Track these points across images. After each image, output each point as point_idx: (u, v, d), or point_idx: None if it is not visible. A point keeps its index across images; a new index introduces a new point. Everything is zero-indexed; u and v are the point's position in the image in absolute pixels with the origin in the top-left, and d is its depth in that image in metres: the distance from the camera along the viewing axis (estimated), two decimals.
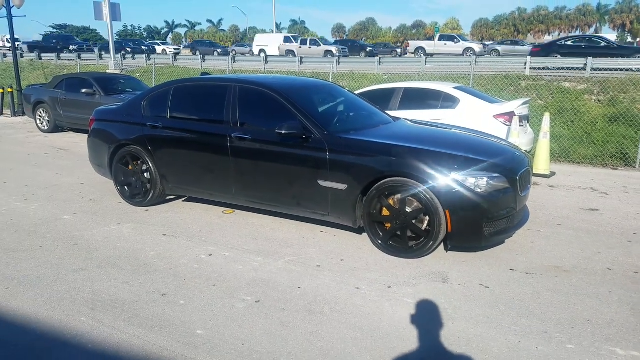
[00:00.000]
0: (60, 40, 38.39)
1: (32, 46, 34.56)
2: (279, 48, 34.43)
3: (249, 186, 5.03)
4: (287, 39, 36.16)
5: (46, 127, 11.92)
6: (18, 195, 6.30)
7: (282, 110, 4.82)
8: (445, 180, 4.04)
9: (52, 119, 11.74)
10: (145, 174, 5.61)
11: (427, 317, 3.36)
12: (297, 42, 35.11)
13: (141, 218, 5.41)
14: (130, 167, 5.73)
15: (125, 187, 5.82)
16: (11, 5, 15.53)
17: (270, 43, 35.79)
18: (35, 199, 6.14)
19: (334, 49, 32.86)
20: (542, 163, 7.54)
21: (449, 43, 31.68)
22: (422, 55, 25.56)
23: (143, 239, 4.76)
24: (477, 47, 31.52)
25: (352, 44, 39.07)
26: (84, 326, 3.22)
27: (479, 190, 4.01)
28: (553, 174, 7.66)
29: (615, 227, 5.20)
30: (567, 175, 7.73)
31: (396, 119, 5.65)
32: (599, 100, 12.81)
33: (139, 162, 5.63)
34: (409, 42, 37.15)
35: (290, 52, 32.81)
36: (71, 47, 34.95)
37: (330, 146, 4.51)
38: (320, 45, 34.22)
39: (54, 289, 3.74)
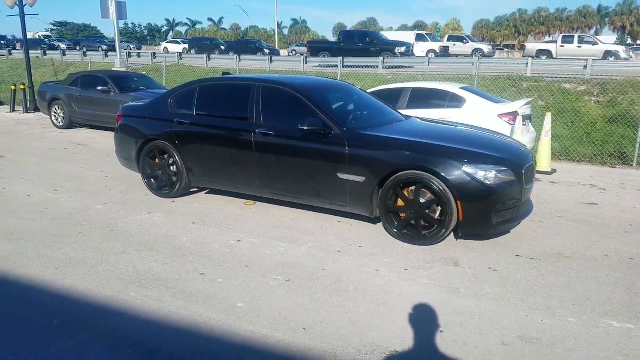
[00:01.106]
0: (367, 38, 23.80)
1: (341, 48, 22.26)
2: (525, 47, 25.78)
3: (272, 179, 5.38)
4: (420, 37, 29.93)
5: (61, 123, 12.27)
6: (47, 187, 6.65)
7: (303, 108, 5.17)
8: (457, 173, 4.40)
9: (67, 115, 12.08)
10: (172, 167, 5.97)
11: (442, 295, 3.72)
12: (430, 40, 30.15)
13: (169, 208, 5.76)
14: (157, 161, 6.08)
15: (152, 180, 6.18)
16: (23, 4, 15.86)
17: None
18: (65, 191, 6.49)
19: (621, 49, 24.20)
20: (543, 160, 7.91)
21: (458, 44, 31.53)
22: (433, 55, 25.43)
23: (175, 227, 5.12)
24: (486, 48, 31.19)
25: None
26: (135, 300, 3.58)
27: (488, 183, 4.37)
28: (554, 171, 8.04)
29: (612, 220, 5.57)
30: (567, 173, 8.11)
31: (407, 116, 6.01)
32: (598, 102, 13.17)
33: (166, 156, 5.99)
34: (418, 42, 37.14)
35: (543, 53, 24.97)
36: (398, 50, 21.86)
37: (349, 142, 4.86)
38: (597, 44, 24.31)
39: (100, 269, 4.10)
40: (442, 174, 4.41)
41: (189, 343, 3.06)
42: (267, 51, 30.90)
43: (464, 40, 32.04)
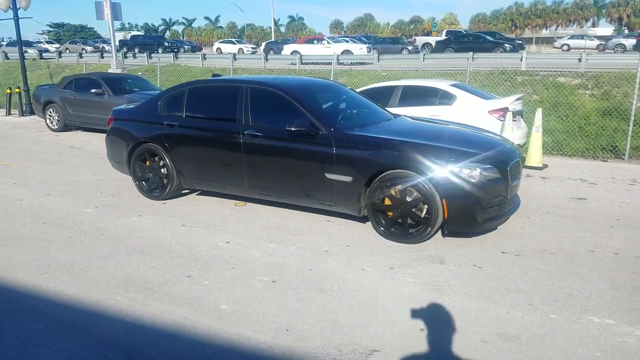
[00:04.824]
0: None
1: None
2: None
3: (261, 179, 5.42)
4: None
5: (56, 126, 12.29)
6: (40, 191, 6.68)
7: (291, 109, 5.19)
8: (442, 171, 4.43)
9: (62, 118, 12.10)
10: (163, 170, 6.01)
11: (425, 293, 3.76)
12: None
13: (160, 210, 5.80)
14: (148, 164, 6.12)
15: (144, 182, 6.22)
16: (17, 7, 15.86)
17: None
18: (57, 194, 6.53)
19: None
20: (534, 156, 7.93)
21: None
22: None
23: (164, 229, 5.15)
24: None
25: None
26: (120, 304, 3.61)
27: (472, 181, 4.40)
28: (545, 166, 8.06)
29: (600, 214, 5.60)
30: (558, 167, 8.13)
31: (396, 115, 6.03)
32: (592, 95, 13.18)
33: (157, 158, 6.02)
34: (416, 38, 37.27)
35: None
36: None
37: (336, 142, 4.89)
38: None
39: (88, 273, 4.13)
40: (427, 173, 4.44)
41: (172, 346, 3.09)
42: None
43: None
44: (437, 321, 3.36)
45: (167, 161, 5.90)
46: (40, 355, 3.00)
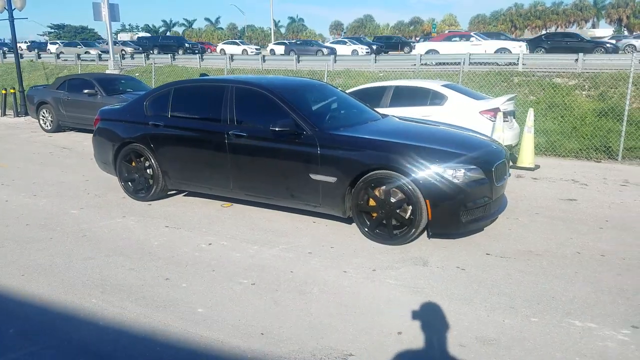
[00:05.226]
0: None
1: None
2: None
3: (246, 180, 5.36)
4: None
5: (49, 127, 12.24)
6: (27, 192, 6.63)
7: (275, 109, 5.14)
8: (426, 172, 4.37)
9: (55, 118, 12.05)
10: (148, 170, 5.95)
11: (406, 295, 3.70)
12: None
13: (144, 211, 5.74)
14: (133, 164, 6.06)
15: (129, 183, 6.16)
16: (12, 8, 15.82)
17: None
18: (44, 195, 6.47)
19: None
20: (526, 156, 7.87)
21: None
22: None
23: (147, 231, 5.10)
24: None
25: None
26: (95, 307, 3.56)
27: (456, 181, 4.34)
28: (537, 167, 7.99)
29: (589, 216, 5.54)
30: (551, 168, 8.06)
31: (384, 115, 5.98)
32: (589, 96, 13.11)
33: (142, 159, 5.96)
34: (418, 38, 37.31)
35: None
36: None
37: (320, 142, 4.83)
38: None
39: (66, 275, 4.08)
40: (411, 174, 4.39)
41: (143, 350, 3.03)
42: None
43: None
44: (416, 324, 3.30)
45: (153, 162, 5.84)
46: (11, 359, 2.94)
